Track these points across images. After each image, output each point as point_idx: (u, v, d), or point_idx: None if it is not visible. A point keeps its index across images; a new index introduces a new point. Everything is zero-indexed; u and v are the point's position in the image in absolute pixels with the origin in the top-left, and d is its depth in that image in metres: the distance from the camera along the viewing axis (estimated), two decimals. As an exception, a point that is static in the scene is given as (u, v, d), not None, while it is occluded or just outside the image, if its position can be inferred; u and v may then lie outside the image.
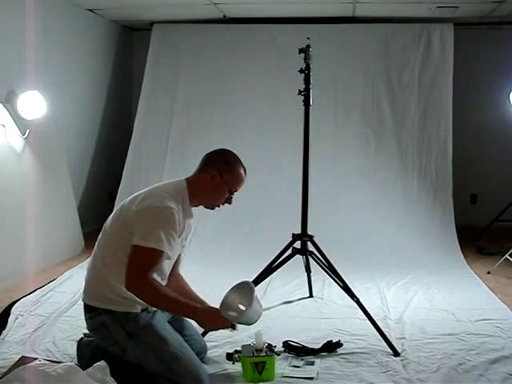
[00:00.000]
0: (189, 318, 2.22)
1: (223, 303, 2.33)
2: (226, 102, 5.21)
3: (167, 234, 2.14)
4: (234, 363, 2.40)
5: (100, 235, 2.36)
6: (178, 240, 2.25)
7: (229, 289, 2.39)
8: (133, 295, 2.15)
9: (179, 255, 2.48)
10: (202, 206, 2.43)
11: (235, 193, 2.41)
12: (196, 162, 2.44)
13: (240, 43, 5.28)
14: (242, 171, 2.40)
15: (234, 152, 2.45)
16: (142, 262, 2.11)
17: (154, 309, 2.33)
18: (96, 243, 2.36)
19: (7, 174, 3.88)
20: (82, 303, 2.35)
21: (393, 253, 4.46)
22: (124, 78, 6.05)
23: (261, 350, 2.37)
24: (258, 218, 4.75)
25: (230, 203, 2.42)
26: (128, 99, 6.03)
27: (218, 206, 2.42)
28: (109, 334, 2.24)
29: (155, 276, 2.17)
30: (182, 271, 2.57)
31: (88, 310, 2.30)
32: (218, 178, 2.33)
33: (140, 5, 4.91)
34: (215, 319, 2.22)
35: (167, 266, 2.33)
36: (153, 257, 2.12)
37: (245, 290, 2.34)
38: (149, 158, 5.16)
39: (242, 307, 2.31)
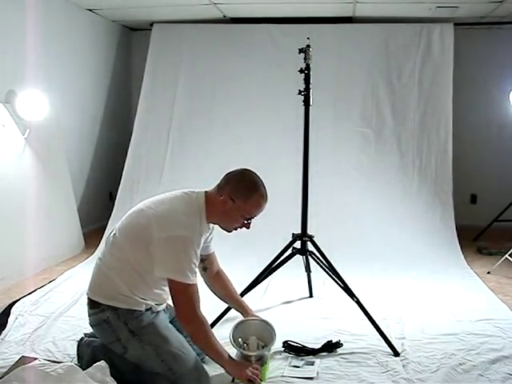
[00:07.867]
0: (217, 363, 2.29)
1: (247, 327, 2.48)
2: (226, 103, 5.20)
3: (194, 264, 2.17)
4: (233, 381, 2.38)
5: (115, 232, 2.31)
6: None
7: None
8: (138, 295, 2.23)
9: (212, 252, 2.52)
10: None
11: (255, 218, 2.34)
12: (196, 162, 2.43)
13: (240, 43, 5.27)
14: (258, 197, 2.29)
15: (256, 173, 2.34)
16: (189, 300, 2.15)
17: (159, 309, 2.35)
18: (107, 239, 2.33)
19: (7, 174, 3.88)
20: (86, 299, 2.34)
21: (393, 253, 4.46)
22: (124, 77, 6.05)
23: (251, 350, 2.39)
24: (258, 218, 4.73)
25: (247, 228, 2.36)
26: (128, 99, 6.03)
27: (235, 229, 2.38)
28: (111, 331, 2.24)
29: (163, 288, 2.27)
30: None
31: (92, 305, 2.29)
32: (229, 203, 2.26)
33: (140, 5, 4.91)
34: (241, 371, 2.27)
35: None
36: (194, 291, 2.16)
37: (268, 330, 2.46)
38: (149, 158, 5.15)
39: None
